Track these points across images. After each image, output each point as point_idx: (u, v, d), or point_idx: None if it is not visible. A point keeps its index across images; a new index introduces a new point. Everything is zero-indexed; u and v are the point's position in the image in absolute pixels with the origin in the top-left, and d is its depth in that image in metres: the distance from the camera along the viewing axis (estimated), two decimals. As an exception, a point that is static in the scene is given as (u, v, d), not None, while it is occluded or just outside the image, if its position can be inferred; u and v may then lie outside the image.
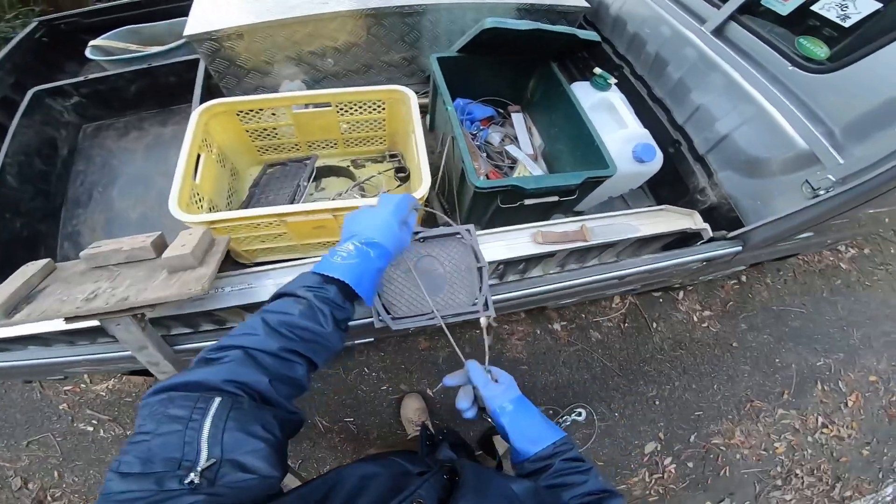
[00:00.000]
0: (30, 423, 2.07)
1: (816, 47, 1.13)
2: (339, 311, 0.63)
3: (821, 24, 1.12)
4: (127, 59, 1.77)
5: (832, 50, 1.10)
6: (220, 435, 0.42)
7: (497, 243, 1.11)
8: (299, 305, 0.60)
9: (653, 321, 2.46)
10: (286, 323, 0.57)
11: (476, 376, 0.76)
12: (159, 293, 0.82)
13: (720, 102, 1.33)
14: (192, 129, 1.19)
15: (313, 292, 0.62)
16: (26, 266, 0.95)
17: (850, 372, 2.45)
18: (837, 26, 1.08)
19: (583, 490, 0.64)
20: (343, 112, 1.40)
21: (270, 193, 1.37)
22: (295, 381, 0.57)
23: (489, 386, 0.75)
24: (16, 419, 2.07)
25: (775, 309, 2.59)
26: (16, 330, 0.93)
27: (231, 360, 0.51)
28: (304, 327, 0.58)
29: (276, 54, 1.61)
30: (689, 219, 1.27)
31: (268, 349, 0.54)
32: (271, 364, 0.53)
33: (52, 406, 2.10)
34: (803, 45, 1.16)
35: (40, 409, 2.09)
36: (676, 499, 2.11)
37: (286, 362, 0.55)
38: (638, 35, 1.60)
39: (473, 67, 1.57)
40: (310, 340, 0.59)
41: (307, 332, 0.58)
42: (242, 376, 0.49)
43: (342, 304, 0.64)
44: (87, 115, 1.76)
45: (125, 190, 1.59)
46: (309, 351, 0.58)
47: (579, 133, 1.37)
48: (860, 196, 1.04)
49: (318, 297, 0.61)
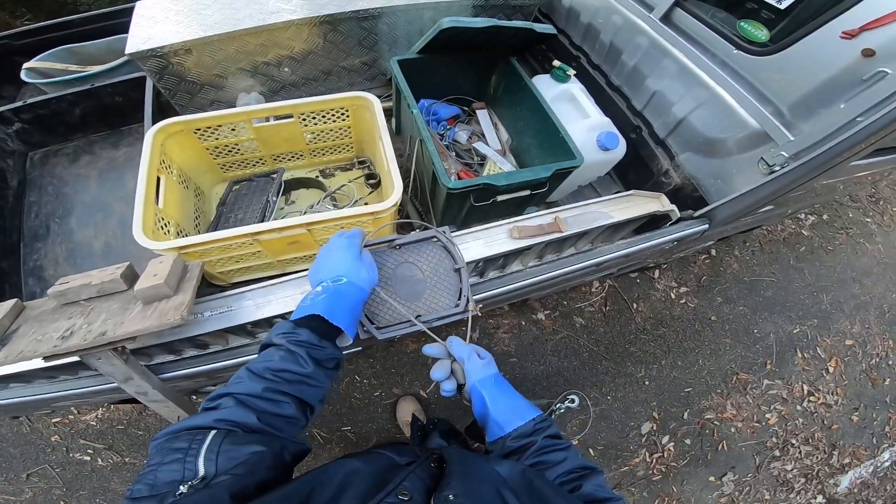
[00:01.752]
0: (25, 456, 2.06)
1: (757, 30, 1.21)
2: (317, 350, 0.67)
3: (759, 6, 1.21)
4: (66, 80, 1.71)
5: (771, 32, 1.19)
6: (215, 457, 0.49)
7: (475, 242, 1.16)
8: (279, 352, 0.66)
9: (633, 302, 2.57)
10: (269, 368, 0.63)
11: (459, 350, 0.80)
12: (138, 325, 0.84)
13: (675, 87, 1.42)
14: (147, 151, 1.16)
15: (286, 338, 0.67)
16: (-8, 309, 0.95)
17: (825, 337, 2.63)
18: (774, 8, 1.17)
19: (564, 468, 0.66)
20: (306, 122, 1.41)
21: (240, 211, 1.38)
22: (288, 419, 0.62)
23: (472, 359, 0.78)
24: (10, 453, 2.07)
25: (747, 280, 2.74)
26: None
27: (224, 407, 0.58)
28: (284, 369, 0.64)
29: (229, 67, 1.60)
30: (657, 201, 1.36)
31: (253, 392, 0.60)
32: (258, 404, 0.59)
33: (44, 438, 2.10)
34: (745, 28, 1.24)
35: (32, 443, 2.09)
36: (680, 476, 2.22)
37: (273, 402, 0.61)
38: (591, 25, 1.67)
39: (434, 67, 1.61)
40: (294, 381, 0.64)
41: (289, 374, 0.64)
42: (232, 416, 0.56)
43: (318, 344, 0.68)
44: (32, 142, 1.71)
45: (84, 219, 1.57)
46: (296, 391, 0.63)
47: (544, 126, 1.44)
48: (813, 169, 1.13)
49: (292, 342, 0.66)
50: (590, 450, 2.20)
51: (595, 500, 0.61)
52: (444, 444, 1.03)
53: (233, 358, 1.06)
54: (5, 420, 2.11)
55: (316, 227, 1.10)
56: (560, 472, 0.66)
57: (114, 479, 2.03)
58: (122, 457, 2.07)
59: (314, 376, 0.66)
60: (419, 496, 0.51)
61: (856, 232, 3.03)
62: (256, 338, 1.11)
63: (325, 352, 0.68)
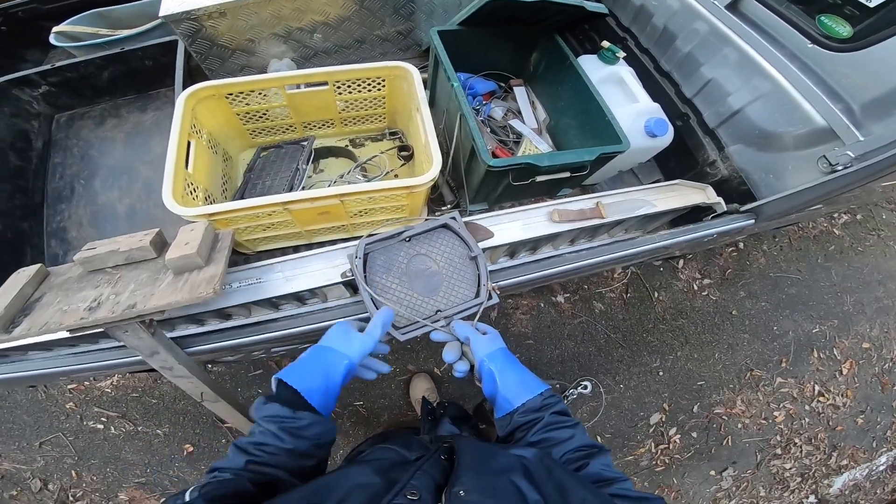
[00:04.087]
0: (38, 423, 2.04)
1: (839, 26, 1.11)
2: (291, 421, 0.61)
3: (843, 2, 1.10)
4: (96, 44, 1.63)
5: (855, 29, 1.08)
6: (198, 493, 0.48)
7: (512, 224, 1.08)
8: (259, 427, 0.62)
9: (654, 291, 2.47)
10: (252, 442, 0.60)
11: (461, 330, 0.79)
12: (169, 298, 0.77)
13: (732, 77, 1.30)
14: (179, 116, 1.11)
15: (260, 413, 0.63)
16: (16, 275, 0.89)
17: (843, 339, 2.52)
18: (862, 6, 1.06)
19: (571, 446, 0.64)
20: (340, 91, 1.33)
21: (267, 178, 1.30)
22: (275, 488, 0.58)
23: (475, 336, 0.77)
24: (23, 421, 2.04)
25: (772, 276, 2.62)
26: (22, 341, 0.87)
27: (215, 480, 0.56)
28: (261, 443, 0.60)
29: (262, 32, 1.51)
30: (703, 193, 1.26)
31: (236, 466, 0.58)
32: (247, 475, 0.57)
33: (59, 406, 2.07)
34: (825, 23, 1.14)
35: (46, 410, 2.06)
36: (682, 468, 2.17)
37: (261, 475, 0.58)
38: (644, 7, 1.54)
39: (474, 40, 1.49)
40: (277, 454, 0.60)
41: (269, 447, 0.60)
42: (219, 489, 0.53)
43: (293, 415, 0.62)
44: (58, 105, 1.65)
45: (108, 181, 1.50)
46: (281, 462, 0.60)
47: (588, 107, 1.33)
48: (877, 172, 1.03)
49: (265, 417, 0.62)
50: (598, 437, 2.16)
51: (602, 479, 0.59)
52: (455, 430, 0.99)
53: (259, 333, 1.00)
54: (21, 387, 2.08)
55: (349, 198, 1.02)
56: (567, 450, 0.64)
57: (125, 448, 2.01)
58: (135, 425, 2.05)
59: (298, 448, 0.61)
60: (428, 494, 0.48)
61: (887, 234, 2.87)
62: (280, 310, 1.04)
63: (300, 421, 0.62)
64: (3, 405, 2.07)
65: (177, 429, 2.05)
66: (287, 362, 2.10)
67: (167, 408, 2.08)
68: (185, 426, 2.06)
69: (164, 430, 2.05)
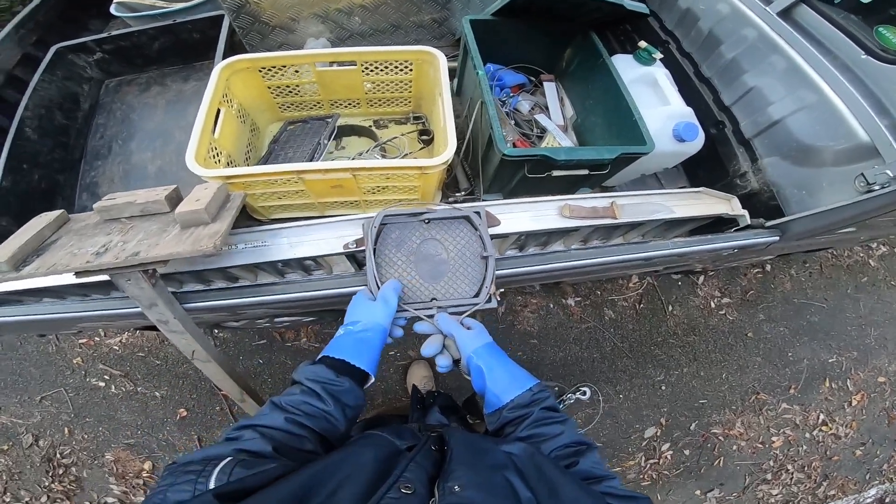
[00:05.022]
0: (44, 377, 2.04)
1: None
2: (334, 384, 0.63)
3: None
4: (151, 15, 1.68)
5: None
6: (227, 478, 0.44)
7: (522, 214, 1.01)
8: (301, 387, 0.64)
9: (669, 304, 2.36)
10: (290, 402, 0.60)
11: (445, 324, 0.75)
12: (170, 249, 0.75)
13: (776, 86, 1.21)
14: (212, 85, 1.12)
15: (305, 374, 0.64)
16: (38, 217, 0.89)
17: (860, 371, 2.35)
18: None
19: (561, 442, 0.62)
20: (368, 71, 1.30)
21: (290, 150, 1.29)
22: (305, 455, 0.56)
23: (460, 332, 0.74)
24: (30, 374, 2.04)
25: (796, 302, 2.46)
26: (29, 283, 0.87)
27: (245, 439, 0.54)
28: (304, 402, 0.61)
29: (303, 11, 1.49)
30: (727, 204, 1.16)
31: (274, 424, 0.56)
32: (278, 436, 0.55)
33: (67, 360, 2.06)
34: (883, 34, 1.04)
35: (54, 364, 2.06)
36: (668, 485, 2.08)
37: (293, 436, 0.57)
38: (691, 10, 1.44)
39: (507, 32, 1.44)
40: (315, 416, 0.60)
41: (309, 407, 0.60)
42: (251, 447, 0.52)
43: (336, 379, 0.63)
44: (110, 71, 1.69)
45: (144, 143, 1.53)
46: (317, 426, 0.59)
47: (616, 106, 1.25)
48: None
49: (310, 378, 0.63)
50: (588, 443, 2.07)
51: (592, 477, 0.57)
52: (443, 419, 0.96)
53: (257, 295, 0.98)
54: (33, 338, 2.08)
55: (361, 173, 1.00)
56: (556, 446, 0.62)
57: (121, 408, 2.00)
58: (134, 385, 2.03)
59: (334, 414, 0.62)
60: (422, 487, 0.46)
61: (924, 271, 2.66)
62: (284, 277, 1.01)
63: (342, 388, 0.64)
64: (14, 356, 2.07)
65: (174, 392, 2.04)
66: (292, 335, 2.11)
67: (169, 370, 2.06)
68: (183, 390, 2.04)
69: (161, 393, 2.03)
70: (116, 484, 1.91)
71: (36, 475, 1.91)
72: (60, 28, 1.77)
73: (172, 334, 0.91)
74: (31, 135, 1.37)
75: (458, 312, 0.82)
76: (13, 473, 1.92)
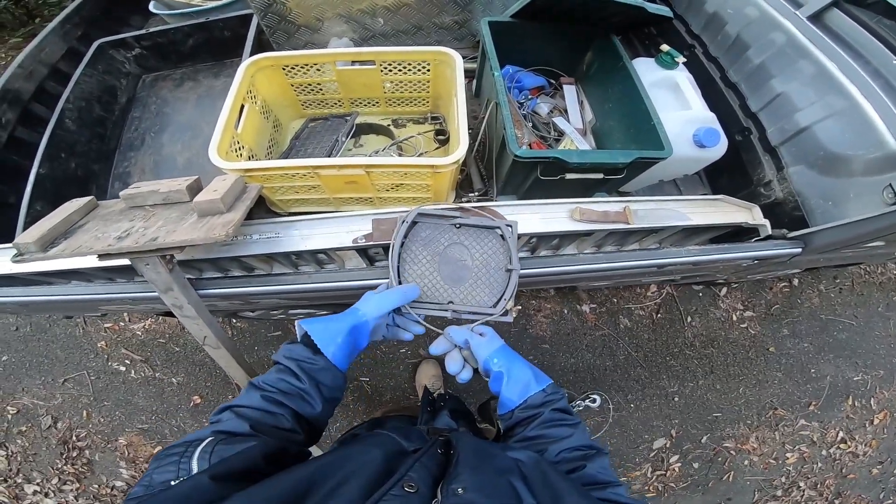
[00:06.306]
0: (68, 359, 2.08)
1: None
2: (309, 363, 0.63)
3: None
4: (186, 12, 1.74)
5: None
6: (209, 457, 0.47)
7: (532, 215, 1.00)
8: (279, 366, 0.64)
9: (688, 315, 2.28)
10: (267, 381, 0.62)
11: (458, 335, 0.76)
12: (186, 235, 0.78)
13: (805, 92, 1.16)
14: (238, 81, 1.15)
15: (283, 353, 0.65)
16: (69, 203, 0.94)
17: (885, 390, 2.22)
18: None
19: (569, 445, 0.62)
20: (387, 71, 1.31)
21: (310, 146, 1.31)
22: (285, 432, 0.58)
23: (475, 339, 0.75)
24: (56, 355, 2.08)
25: (823, 318, 2.34)
26: (59, 264, 0.91)
27: (224, 420, 0.57)
28: (281, 379, 0.62)
29: (327, 11, 1.51)
30: (748, 213, 1.11)
31: (250, 404, 0.58)
32: (254, 415, 0.57)
33: (91, 343, 2.10)
34: None
35: (80, 346, 2.10)
36: (673, 497, 2.01)
37: (269, 414, 0.58)
38: (717, 14, 1.40)
39: (526, 34, 1.42)
40: (291, 393, 0.61)
41: (286, 384, 0.61)
42: (228, 427, 0.55)
43: (311, 357, 0.64)
44: (147, 66, 1.76)
45: (175, 136, 1.58)
46: (292, 403, 0.60)
47: (635, 110, 1.22)
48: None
49: (287, 357, 0.64)
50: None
51: (597, 482, 0.57)
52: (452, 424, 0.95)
53: (269, 285, 0.99)
54: (61, 321, 2.12)
55: (374, 170, 1.00)
56: (564, 448, 0.62)
57: (139, 393, 2.02)
58: (153, 371, 2.06)
59: (310, 392, 0.62)
60: (426, 487, 0.46)
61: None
62: (298, 269, 1.03)
63: (317, 366, 0.64)
64: (43, 337, 2.12)
65: (190, 379, 2.07)
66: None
67: (187, 357, 2.09)
68: (199, 377, 2.07)
69: (178, 379, 2.06)
70: (126, 468, 1.95)
71: (50, 457, 1.95)
72: (103, 23, 1.86)
73: (186, 319, 0.93)
74: (71, 126, 1.44)
75: (471, 320, 0.82)
76: (28, 455, 1.96)
